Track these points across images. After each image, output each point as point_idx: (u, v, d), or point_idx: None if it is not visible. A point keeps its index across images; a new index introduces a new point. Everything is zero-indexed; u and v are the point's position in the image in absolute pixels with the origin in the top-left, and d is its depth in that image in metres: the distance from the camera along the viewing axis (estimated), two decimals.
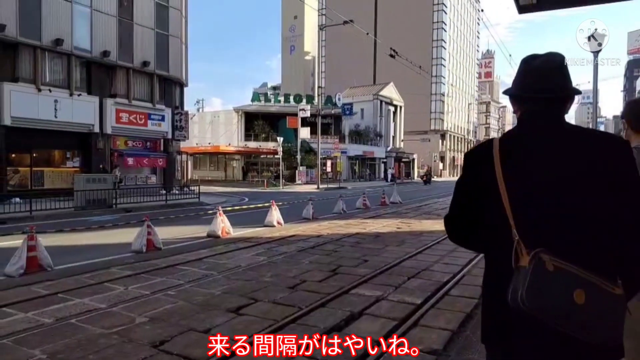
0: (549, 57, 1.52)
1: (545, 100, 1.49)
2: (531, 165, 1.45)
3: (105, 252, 8.73)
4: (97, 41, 21.99)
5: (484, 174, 1.49)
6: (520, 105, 1.57)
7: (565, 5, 5.89)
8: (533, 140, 1.48)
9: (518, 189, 1.43)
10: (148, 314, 5.01)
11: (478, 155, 1.59)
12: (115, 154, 23.29)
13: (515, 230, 1.39)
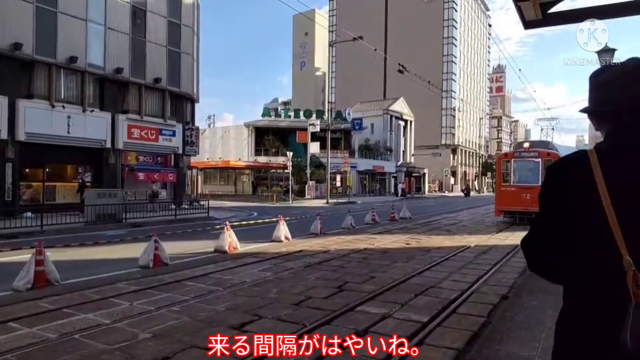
0: (624, 64, 1.39)
1: (633, 110, 1.33)
2: (638, 184, 1.25)
3: (112, 267, 8.77)
4: (110, 58, 22.42)
5: (581, 192, 1.31)
6: (603, 120, 1.42)
7: (570, 21, 5.86)
8: (633, 155, 1.30)
9: (627, 211, 1.22)
10: (152, 330, 4.99)
11: (570, 170, 1.38)
12: (126, 169, 23.54)
13: (630, 258, 1.18)
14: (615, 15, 6.69)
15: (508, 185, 17.43)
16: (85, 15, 21.30)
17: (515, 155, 18.08)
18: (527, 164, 17.33)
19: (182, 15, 26.46)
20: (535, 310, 5.31)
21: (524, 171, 17.40)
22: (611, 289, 1.21)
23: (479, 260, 9.50)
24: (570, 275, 1.35)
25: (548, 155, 16.54)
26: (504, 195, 17.55)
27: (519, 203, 16.56)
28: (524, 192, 16.29)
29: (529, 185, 16.58)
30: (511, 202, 17.10)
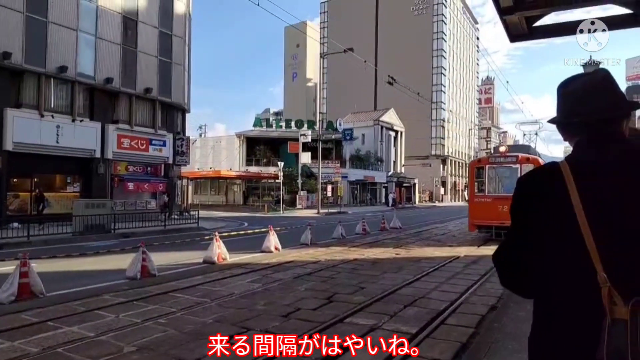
0: (591, 74, 1.38)
1: (601, 122, 1.32)
2: (612, 198, 1.23)
3: (99, 279, 8.64)
4: (100, 68, 22.37)
5: (555, 206, 1.27)
6: (572, 131, 1.41)
7: (555, 35, 5.98)
8: (603, 167, 1.28)
9: (602, 225, 1.20)
10: (137, 343, 4.92)
11: (543, 182, 1.35)
12: (116, 179, 23.37)
13: (605, 274, 1.15)
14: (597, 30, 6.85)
15: (482, 195, 15.27)
16: (76, 25, 21.26)
17: (490, 160, 15.68)
18: (503, 171, 15.18)
19: (174, 26, 26.53)
20: (523, 321, 5.32)
21: (501, 179, 15.32)
22: (585, 306, 1.18)
23: (468, 271, 9.51)
24: (543, 290, 1.30)
25: (528, 160, 14.38)
26: (477, 207, 15.37)
27: (495, 216, 14.31)
28: (500, 204, 14.09)
29: (506, 195, 14.15)
30: (486, 215, 14.96)
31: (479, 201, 15.28)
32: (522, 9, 4.41)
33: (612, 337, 1.09)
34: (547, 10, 4.71)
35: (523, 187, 1.40)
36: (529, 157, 14.60)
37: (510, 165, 14.86)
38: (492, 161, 15.49)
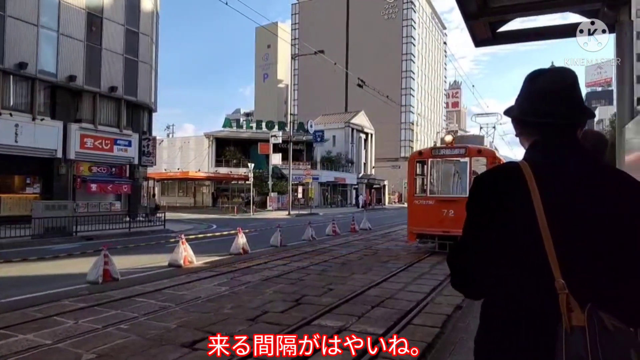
0: (560, 75, 1.32)
1: (563, 125, 1.31)
2: (572, 204, 1.20)
3: (58, 284, 8.31)
4: (63, 66, 21.59)
5: (515, 207, 1.23)
6: (530, 129, 1.37)
7: (518, 40, 6.14)
8: (565, 172, 1.26)
9: (562, 231, 1.17)
10: (96, 349, 4.74)
11: (503, 181, 1.30)
12: (79, 180, 22.60)
13: (563, 280, 1.13)
14: (559, 37, 7.08)
15: (423, 197, 12.52)
16: (36, 20, 20.47)
17: (433, 153, 12.73)
18: (449, 167, 12.59)
19: (141, 24, 25.91)
20: None
21: (446, 176, 12.77)
22: (541, 312, 1.15)
23: (434, 271, 9.65)
24: (496, 294, 1.26)
25: (479, 153, 11.92)
26: (418, 212, 12.44)
27: (438, 223, 11.61)
28: (445, 207, 11.59)
29: (452, 197, 11.89)
30: (427, 222, 12.03)
31: (420, 204, 12.44)
32: (486, 15, 4.50)
33: (570, 345, 1.06)
34: (510, 17, 4.83)
35: (482, 186, 1.34)
36: (480, 149, 12.07)
37: (458, 159, 12.16)
38: (436, 154, 12.59)
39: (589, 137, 2.82)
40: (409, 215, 12.80)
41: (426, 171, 12.83)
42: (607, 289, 1.15)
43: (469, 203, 1.34)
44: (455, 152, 12.19)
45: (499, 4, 4.42)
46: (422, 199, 12.51)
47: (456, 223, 10.79)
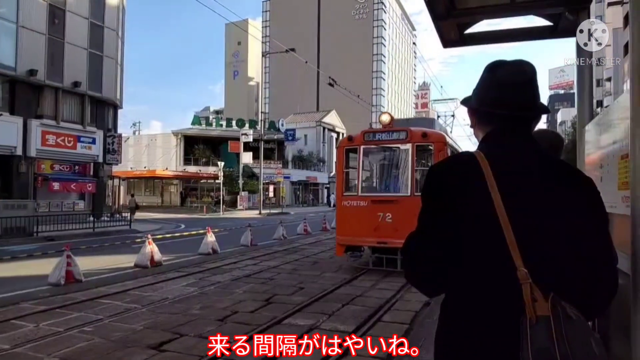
0: (520, 67, 1.31)
1: (520, 118, 1.30)
2: (528, 192, 1.21)
3: (17, 286, 7.97)
4: (23, 59, 20.71)
5: (473, 198, 1.21)
6: (487, 120, 1.36)
7: (485, 42, 6.28)
8: (520, 163, 1.26)
9: (521, 221, 1.16)
10: (58, 353, 4.58)
11: (459, 170, 1.28)
12: (40, 178, 21.76)
13: (526, 269, 1.11)
14: (524, 39, 7.28)
15: (354, 196, 9.58)
16: None
17: (365, 139, 9.76)
18: (386, 155, 9.94)
19: (106, 18, 25.17)
20: None
21: (382, 169, 10.15)
22: (503, 303, 1.13)
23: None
24: (455, 288, 1.23)
25: (425, 137, 9.18)
26: (346, 216, 9.61)
27: (372, 230, 8.92)
28: (380, 210, 8.95)
29: (390, 196, 9.20)
30: (358, 229, 9.26)
31: (349, 205, 9.49)
32: (454, 16, 4.57)
33: (535, 335, 1.05)
34: (477, 19, 4.92)
35: (438, 175, 1.30)
36: (425, 133, 9.25)
37: (398, 146, 9.44)
38: (369, 139, 9.70)
39: (545, 136, 2.91)
40: (337, 220, 9.94)
41: (357, 162, 9.82)
42: (566, 278, 1.15)
43: (424, 193, 1.31)
44: (393, 136, 9.42)
45: (466, 5, 4.49)
46: (352, 198, 9.49)
47: (395, 230, 8.40)
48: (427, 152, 9.74)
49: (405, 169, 9.24)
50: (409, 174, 9.09)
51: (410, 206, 7.61)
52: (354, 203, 9.45)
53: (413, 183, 8.93)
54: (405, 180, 9.19)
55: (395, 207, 8.76)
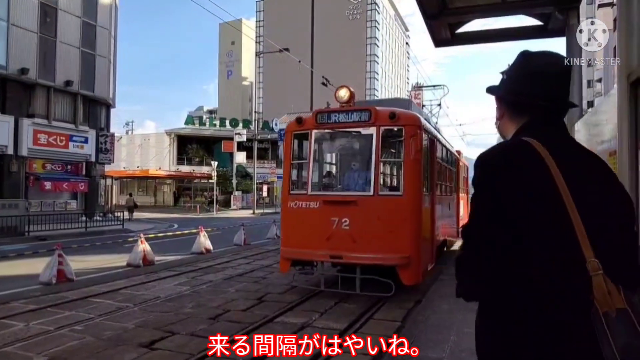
0: (557, 58, 1.27)
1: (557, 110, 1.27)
2: (588, 182, 1.14)
3: (8, 285, 7.91)
4: (14, 57, 20.51)
5: (536, 188, 1.11)
6: (520, 111, 1.29)
7: (476, 42, 6.35)
8: (571, 153, 1.20)
9: (586, 209, 1.08)
10: (48, 352, 4.56)
11: (516, 160, 1.17)
12: (31, 177, 21.57)
13: (597, 260, 1.03)
14: (516, 38, 7.34)
15: (303, 195, 7.39)
16: None
17: (317, 121, 7.51)
18: (343, 142, 8.26)
19: (98, 16, 24.99)
20: (446, 313, 5.57)
21: (339, 159, 8.72)
22: (570, 298, 1.05)
23: None
24: (512, 285, 1.11)
25: (393, 119, 6.94)
26: (292, 220, 7.50)
27: (325, 240, 6.85)
28: (335, 213, 6.88)
29: (347, 195, 7.13)
30: (307, 238, 7.21)
31: (297, 208, 7.30)
32: (445, 16, 4.62)
33: (617, 329, 0.96)
34: (467, 18, 4.98)
35: (492, 164, 1.17)
36: (394, 113, 6.93)
37: (358, 130, 7.44)
38: (323, 121, 7.43)
39: None
40: (282, 227, 7.78)
41: (308, 150, 7.63)
42: (632, 268, 1.10)
43: (478, 190, 1.19)
44: (353, 117, 7.15)
45: (456, 5, 4.54)
46: (301, 198, 7.26)
47: (353, 241, 6.45)
48: (396, 139, 7.33)
49: (368, 161, 7.07)
50: (372, 166, 6.81)
51: (373, 209, 6.65)
52: (303, 205, 7.17)
53: (377, 179, 6.84)
54: (367, 173, 7.00)
55: (354, 211, 6.66)
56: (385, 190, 7.48)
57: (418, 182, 6.85)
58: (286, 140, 7.79)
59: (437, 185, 8.50)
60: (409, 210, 6.65)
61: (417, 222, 6.70)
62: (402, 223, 6.52)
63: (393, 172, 9.36)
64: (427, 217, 7.48)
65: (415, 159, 6.80)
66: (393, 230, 6.43)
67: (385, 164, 8.18)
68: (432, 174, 8.00)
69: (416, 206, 6.74)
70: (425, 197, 7.32)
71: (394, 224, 6.47)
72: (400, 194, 6.89)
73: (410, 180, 6.83)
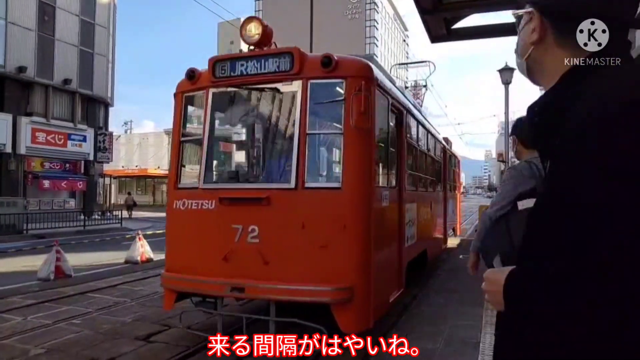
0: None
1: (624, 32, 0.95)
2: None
3: (5, 281, 7.93)
4: (12, 56, 20.54)
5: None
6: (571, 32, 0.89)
7: (473, 37, 6.36)
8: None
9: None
10: (46, 345, 4.58)
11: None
12: (30, 176, 21.60)
13: None
14: (513, 34, 7.35)
15: (193, 191, 4.80)
16: None
17: (216, 74, 4.75)
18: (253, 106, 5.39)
19: (97, 15, 25.04)
20: (441, 307, 5.61)
21: (249, 131, 5.54)
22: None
23: None
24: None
25: (327, 67, 4.35)
26: (178, 229, 4.96)
27: (222, 262, 4.31)
28: (238, 217, 4.37)
29: (258, 188, 4.53)
30: (197, 257, 4.60)
31: (185, 209, 4.77)
32: (440, 10, 4.64)
33: None
34: (463, 13, 5.00)
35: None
36: (330, 58, 4.40)
37: (276, 86, 4.78)
38: (223, 75, 4.78)
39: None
40: (167, 238, 5.27)
41: (204, 120, 5.06)
42: None
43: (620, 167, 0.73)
44: (268, 66, 4.72)
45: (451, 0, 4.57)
46: (191, 195, 4.83)
47: (267, 263, 4.19)
48: (334, 98, 4.60)
49: (288, 135, 4.78)
50: (295, 144, 4.37)
51: (295, 211, 4.17)
52: (193, 205, 4.69)
53: (303, 163, 4.29)
54: (287, 157, 4.59)
55: (267, 214, 4.30)
56: (316, 181, 4.61)
57: (367, 168, 4.30)
58: (176, 106, 5.16)
59: (408, 175, 6.13)
60: (352, 211, 4.17)
61: (364, 231, 4.18)
62: (341, 233, 4.05)
63: (331, 153, 5.74)
64: (390, 222, 5.07)
65: (362, 130, 4.20)
66: (326, 245, 4.01)
67: (314, 138, 4.75)
68: (400, 159, 5.61)
69: (363, 205, 4.24)
70: (384, 193, 4.82)
71: (327, 234, 4.05)
72: (337, 185, 4.28)
73: (353, 164, 4.28)
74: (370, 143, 4.41)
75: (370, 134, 4.37)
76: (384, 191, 4.87)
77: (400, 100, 5.92)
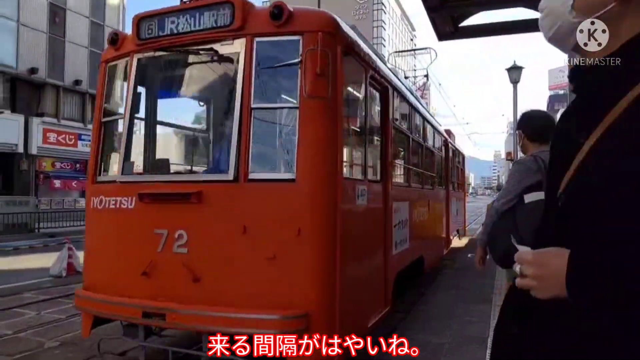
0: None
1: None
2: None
3: (19, 278, 8.08)
4: (23, 57, 20.83)
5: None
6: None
7: (480, 35, 6.40)
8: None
9: None
10: (60, 338, 4.69)
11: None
12: (41, 175, 21.88)
13: None
14: (521, 31, 7.35)
15: (110, 185, 3.84)
16: None
17: (141, 36, 3.70)
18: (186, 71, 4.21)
19: (107, 16, 25.31)
20: (448, 304, 5.64)
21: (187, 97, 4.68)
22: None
23: None
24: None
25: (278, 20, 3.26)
26: (95, 234, 3.99)
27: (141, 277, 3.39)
28: (163, 219, 3.42)
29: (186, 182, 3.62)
30: (113, 271, 3.70)
31: (102, 208, 3.80)
32: (447, 8, 4.68)
33: None
34: (470, 11, 5.04)
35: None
36: (282, 8, 3.24)
37: (213, 47, 3.53)
38: (151, 36, 3.68)
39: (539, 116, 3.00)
40: (86, 246, 4.19)
41: (127, 93, 3.93)
42: None
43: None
44: (204, 21, 3.50)
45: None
46: (108, 191, 3.82)
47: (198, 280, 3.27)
48: (286, 60, 3.46)
49: (228, 109, 3.74)
50: (234, 122, 3.40)
51: (235, 211, 3.31)
52: (110, 203, 3.80)
53: (246, 148, 3.33)
54: (226, 140, 3.71)
55: (198, 214, 3.43)
56: (262, 171, 3.56)
57: (330, 153, 3.32)
58: (99, 79, 4.22)
59: (395, 166, 5.24)
60: (310, 211, 3.24)
61: (327, 237, 3.26)
62: (295, 240, 3.17)
63: (285, 135, 3.84)
64: (369, 224, 4.17)
65: (321, 102, 3.23)
66: (275, 257, 3.16)
67: (264, 116, 3.65)
68: (385, 147, 4.60)
69: (325, 203, 3.29)
70: (360, 187, 3.84)
71: (277, 242, 3.20)
72: (290, 177, 3.30)
73: (310, 147, 3.26)
74: (334, 120, 3.31)
75: (333, 108, 3.28)
76: (358, 185, 3.79)
77: (384, 73, 4.74)
